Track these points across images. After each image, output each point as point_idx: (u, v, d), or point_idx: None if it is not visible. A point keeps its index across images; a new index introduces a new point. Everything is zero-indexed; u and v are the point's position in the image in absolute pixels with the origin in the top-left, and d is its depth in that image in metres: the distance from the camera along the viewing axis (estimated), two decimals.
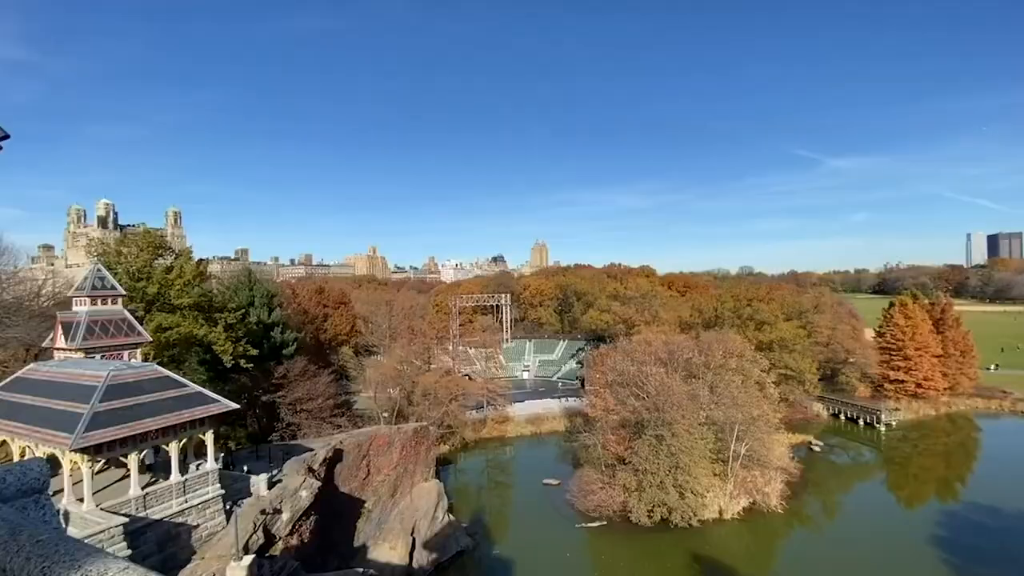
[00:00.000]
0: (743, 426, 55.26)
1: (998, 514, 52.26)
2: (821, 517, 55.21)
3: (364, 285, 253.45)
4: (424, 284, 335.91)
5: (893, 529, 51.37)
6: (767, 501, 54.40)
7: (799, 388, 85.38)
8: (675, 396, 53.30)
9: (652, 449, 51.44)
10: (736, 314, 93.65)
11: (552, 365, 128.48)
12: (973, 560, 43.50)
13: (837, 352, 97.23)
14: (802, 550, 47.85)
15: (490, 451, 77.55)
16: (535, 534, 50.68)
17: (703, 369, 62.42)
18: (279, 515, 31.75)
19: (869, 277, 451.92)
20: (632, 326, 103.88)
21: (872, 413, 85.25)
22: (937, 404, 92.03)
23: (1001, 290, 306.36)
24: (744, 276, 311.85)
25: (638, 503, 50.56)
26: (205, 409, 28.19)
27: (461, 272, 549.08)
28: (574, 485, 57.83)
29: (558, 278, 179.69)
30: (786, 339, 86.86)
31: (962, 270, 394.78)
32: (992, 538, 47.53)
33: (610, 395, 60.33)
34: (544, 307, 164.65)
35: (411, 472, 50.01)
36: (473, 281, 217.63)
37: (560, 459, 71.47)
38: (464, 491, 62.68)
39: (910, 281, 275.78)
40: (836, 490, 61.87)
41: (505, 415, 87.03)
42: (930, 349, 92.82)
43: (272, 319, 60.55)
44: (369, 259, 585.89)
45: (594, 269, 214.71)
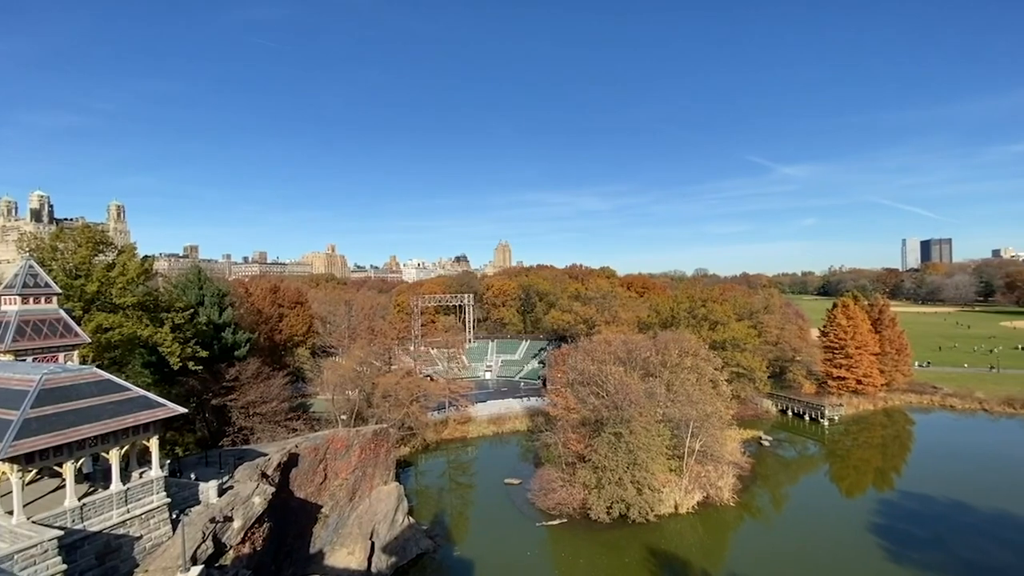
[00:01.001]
0: (697, 423, 57.18)
1: (929, 501, 56.15)
2: (770, 509, 57.66)
3: (322, 284, 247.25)
4: (385, 284, 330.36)
5: (835, 518, 54.29)
6: (720, 495, 56.49)
7: (750, 385, 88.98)
8: (633, 394, 54.54)
9: (611, 446, 52.48)
10: (691, 314, 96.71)
11: (514, 365, 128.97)
12: (906, 546, 46.51)
13: (785, 351, 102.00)
14: (752, 541, 49.85)
15: (452, 452, 77.15)
16: (496, 534, 50.78)
17: (660, 368, 64.20)
18: (230, 523, 30.53)
19: (815, 279, 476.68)
20: (593, 326, 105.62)
21: (817, 409, 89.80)
22: (875, 399, 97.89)
23: (932, 292, 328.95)
24: (699, 277, 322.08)
25: (597, 500, 51.46)
26: (150, 414, 26.78)
27: (424, 272, 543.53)
28: (535, 484, 58.32)
29: (521, 278, 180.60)
30: (738, 338, 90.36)
31: (898, 273, 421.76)
32: (923, 525, 50.97)
33: (571, 394, 61.16)
34: (507, 307, 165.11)
35: (370, 475, 49.11)
36: (436, 281, 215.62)
37: (522, 458, 71.87)
38: (425, 493, 62.12)
39: (851, 283, 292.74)
40: (784, 482, 64.77)
41: (467, 416, 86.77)
42: (869, 348, 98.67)
43: (223, 319, 58.19)
44: (328, 257, 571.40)
45: (556, 270, 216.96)
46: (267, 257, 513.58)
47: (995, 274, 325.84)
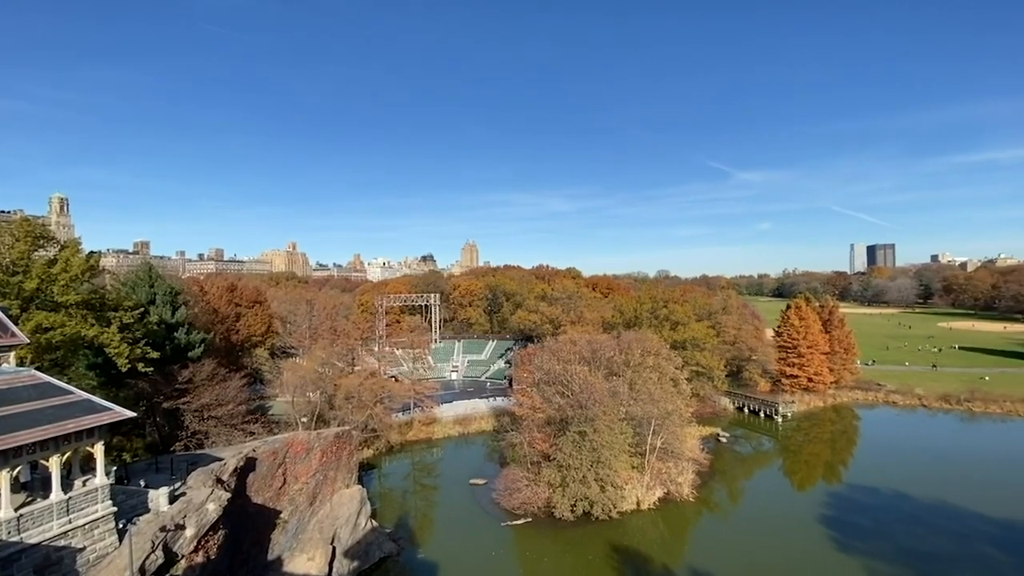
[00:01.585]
0: (659, 420, 58.54)
1: (873, 493, 59.28)
2: (727, 503, 59.58)
3: (282, 283, 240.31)
4: (349, 283, 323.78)
5: (788, 511, 56.63)
6: (680, 491, 58.03)
7: (709, 384, 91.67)
8: (597, 393, 55.33)
9: (575, 445, 53.12)
10: (653, 315, 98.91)
11: (481, 365, 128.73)
12: (852, 535, 48.95)
13: (742, 350, 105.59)
14: (711, 535, 51.39)
15: (416, 453, 76.35)
16: (461, 535, 50.58)
17: (623, 367, 65.38)
18: (182, 531, 29.30)
19: (770, 281, 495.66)
20: (559, 326, 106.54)
21: (771, 406, 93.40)
22: (825, 396, 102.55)
23: (877, 294, 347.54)
24: (661, 279, 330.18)
25: (562, 498, 51.99)
26: (94, 418, 25.40)
27: (389, 271, 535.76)
28: (500, 484, 58.40)
29: (488, 278, 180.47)
30: (698, 338, 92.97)
31: (846, 276, 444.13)
32: (868, 515, 53.75)
33: (537, 394, 61.53)
34: (474, 307, 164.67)
35: (332, 479, 48.05)
36: (401, 280, 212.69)
37: (487, 458, 71.81)
38: (389, 495, 61.25)
39: (804, 286, 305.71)
40: (740, 477, 67.05)
41: (432, 416, 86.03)
42: (820, 347, 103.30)
43: (176, 318, 55.75)
44: (288, 255, 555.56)
45: (523, 270, 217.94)
46: (224, 254, 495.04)
47: (933, 278, 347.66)
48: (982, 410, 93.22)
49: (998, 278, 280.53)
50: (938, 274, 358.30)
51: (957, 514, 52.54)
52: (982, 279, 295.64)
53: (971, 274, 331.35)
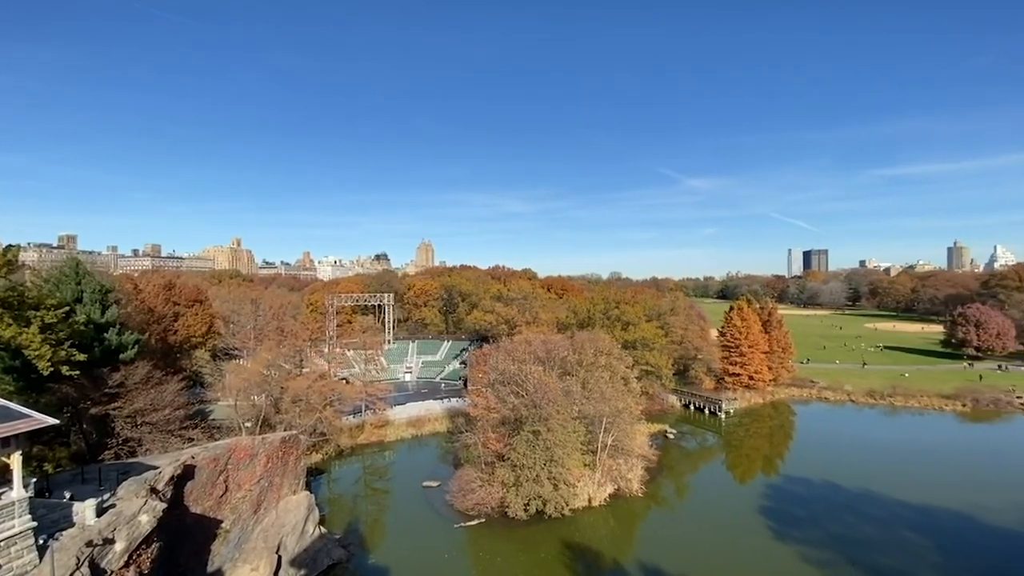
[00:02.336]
0: (610, 418, 59.92)
1: (807, 483, 63.02)
2: (674, 497, 61.68)
3: (226, 281, 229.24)
4: (298, 281, 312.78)
5: (730, 503, 59.27)
6: (630, 487, 59.63)
7: (657, 382, 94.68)
8: (551, 393, 56.02)
9: (529, 444, 53.55)
10: (606, 315, 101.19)
11: (435, 366, 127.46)
12: (788, 524, 51.84)
13: (688, 350, 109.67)
14: (658, 528, 53.07)
15: (368, 457, 74.68)
16: (413, 538, 49.91)
17: (577, 367, 66.55)
18: (111, 546, 27.41)
19: (715, 284, 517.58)
20: (514, 326, 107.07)
21: (715, 403, 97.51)
22: (764, 393, 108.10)
23: (812, 297, 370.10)
24: (614, 281, 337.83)
25: (515, 498, 52.27)
26: (9, 427, 23.35)
27: (341, 269, 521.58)
28: (454, 485, 58.06)
29: (443, 278, 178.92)
30: (647, 338, 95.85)
31: (784, 280, 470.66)
32: (802, 504, 57.10)
33: (491, 394, 61.58)
34: (429, 307, 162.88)
35: (277, 485, 46.31)
36: (354, 279, 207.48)
37: (441, 460, 71.20)
38: (338, 501, 59.61)
39: (746, 288, 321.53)
40: (686, 472, 69.59)
41: (385, 419, 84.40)
42: (760, 346, 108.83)
43: (107, 318, 52.06)
44: (232, 252, 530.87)
45: (479, 270, 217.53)
46: (161, 251, 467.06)
47: (861, 282, 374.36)
48: (902, 404, 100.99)
49: (917, 282, 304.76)
50: (865, 278, 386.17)
51: (881, 501, 56.67)
52: (903, 283, 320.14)
53: (894, 279, 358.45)
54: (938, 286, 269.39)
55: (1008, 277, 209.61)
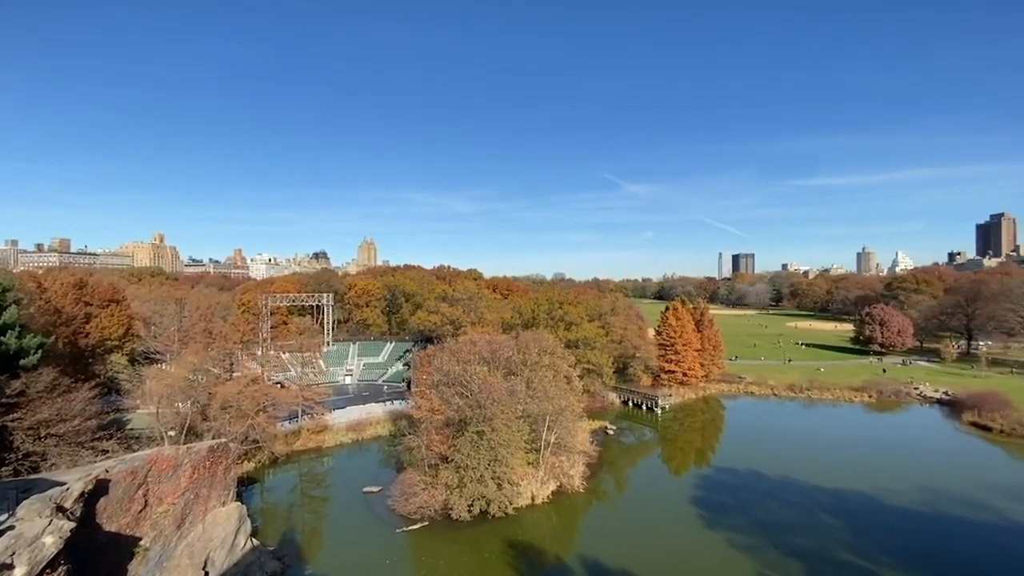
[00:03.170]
0: (553, 417, 60.89)
1: (735, 473, 66.90)
2: (614, 492, 63.56)
3: (146, 280, 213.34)
4: (228, 280, 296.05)
5: (666, 494, 61.89)
6: (571, 483, 60.85)
7: (598, 380, 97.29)
8: (496, 393, 56.18)
9: (473, 445, 53.44)
10: (550, 315, 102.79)
11: (378, 368, 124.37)
12: (718, 512, 54.82)
13: (627, 348, 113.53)
14: (599, 523, 54.51)
15: (305, 464, 71.71)
16: (353, 545, 48.47)
17: (521, 366, 67.11)
18: (10, 571, 24.75)
19: (652, 285, 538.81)
20: (459, 327, 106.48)
21: (652, 399, 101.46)
22: (697, 389, 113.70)
23: (740, 298, 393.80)
24: (557, 282, 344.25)
25: (459, 499, 51.99)
26: None
27: (276, 268, 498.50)
28: (396, 489, 56.91)
29: (386, 278, 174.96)
30: (589, 337, 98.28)
31: (715, 281, 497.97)
32: (730, 493, 60.51)
33: (436, 395, 60.90)
34: (371, 308, 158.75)
35: (204, 497, 43.55)
36: (290, 278, 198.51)
37: (383, 464, 69.61)
38: (272, 511, 56.83)
39: (680, 289, 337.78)
40: (625, 467, 71.94)
41: (323, 424, 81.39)
42: (693, 345, 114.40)
43: (5, 320, 46.91)
44: (154, 248, 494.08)
45: (424, 270, 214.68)
46: (71, 246, 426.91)
47: (783, 284, 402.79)
48: (818, 397, 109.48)
49: (831, 285, 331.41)
50: (787, 281, 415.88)
51: (800, 487, 61.14)
52: (819, 285, 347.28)
53: (811, 281, 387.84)
54: (849, 288, 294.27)
55: (907, 280, 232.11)
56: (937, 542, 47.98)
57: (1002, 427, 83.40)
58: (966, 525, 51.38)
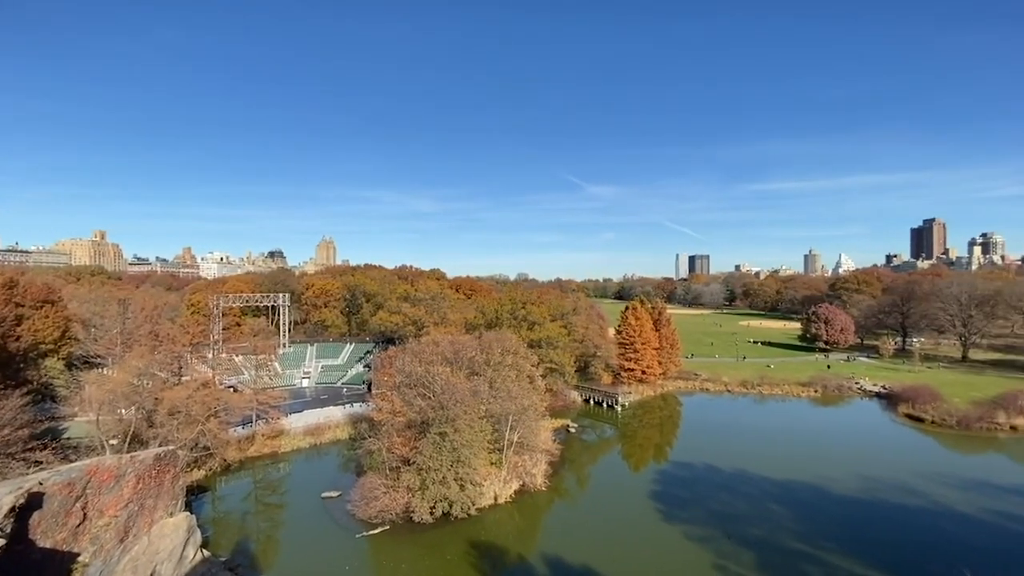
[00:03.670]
0: (516, 416, 61.20)
1: (691, 467, 69.10)
2: (576, 489, 64.42)
3: (86, 279, 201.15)
4: (177, 280, 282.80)
5: (626, 490, 63.25)
6: (534, 482, 61.31)
7: (561, 379, 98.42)
8: (459, 393, 55.95)
9: (436, 446, 53.03)
10: (513, 315, 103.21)
11: (337, 370, 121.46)
12: (675, 506, 56.49)
13: (589, 347, 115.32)
14: (561, 520, 55.15)
15: (259, 470, 69.28)
16: (311, 552, 47.21)
17: (484, 366, 67.12)
18: None
19: (613, 285, 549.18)
20: (422, 327, 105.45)
21: (612, 397, 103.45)
22: (655, 386, 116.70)
23: (696, 297, 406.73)
24: (521, 282, 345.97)
25: (421, 501, 51.49)
26: None
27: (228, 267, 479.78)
28: (356, 494, 55.80)
29: (346, 278, 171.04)
30: (552, 337, 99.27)
31: (672, 282, 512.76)
32: (687, 487, 62.46)
33: (397, 397, 60.09)
34: (330, 308, 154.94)
35: (150, 508, 41.48)
36: (244, 278, 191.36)
37: (342, 469, 68.11)
38: (225, 520, 54.64)
39: (640, 290, 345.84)
40: (587, 464, 73.07)
41: (279, 428, 78.84)
42: (652, 343, 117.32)
43: None
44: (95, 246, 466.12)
45: (385, 270, 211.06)
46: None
47: (736, 284, 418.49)
48: (769, 392, 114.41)
49: (781, 285, 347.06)
50: (740, 281, 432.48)
51: (751, 479, 63.76)
52: (770, 286, 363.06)
53: (762, 282, 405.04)
54: (796, 288, 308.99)
55: (849, 281, 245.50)
56: (876, 527, 51.05)
57: (933, 418, 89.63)
58: (901, 510, 54.92)
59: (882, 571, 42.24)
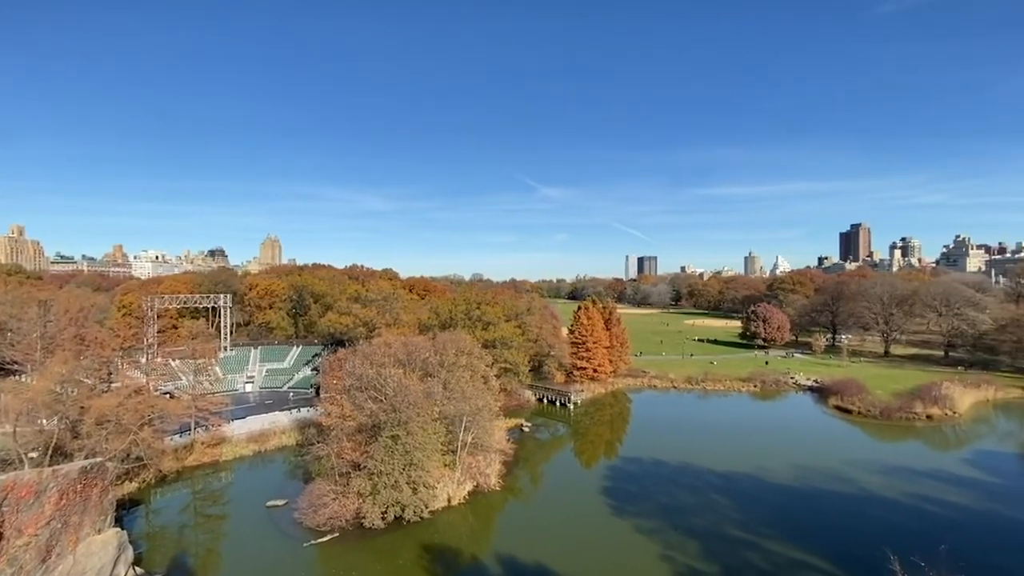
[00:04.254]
0: (470, 417, 61.10)
1: (640, 462, 71.26)
2: (529, 487, 65.00)
3: (1, 279, 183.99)
4: (106, 280, 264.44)
5: (578, 486, 64.44)
6: (488, 482, 61.43)
7: (515, 379, 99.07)
8: (412, 395, 55.24)
9: (387, 450, 52.16)
10: (467, 316, 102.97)
11: (283, 374, 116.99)
12: (625, 500, 58.13)
13: (543, 347, 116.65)
14: (515, 519, 55.52)
15: (199, 480, 65.78)
16: (255, 564, 45.31)
17: (438, 368, 66.60)
18: None
19: (566, 286, 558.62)
20: (373, 328, 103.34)
21: (565, 395, 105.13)
22: (606, 384, 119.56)
23: (644, 297, 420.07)
24: (475, 282, 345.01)
25: (372, 507, 50.51)
26: None
27: (164, 266, 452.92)
28: (304, 501, 54.00)
29: (293, 278, 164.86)
30: (506, 337, 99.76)
31: (623, 282, 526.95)
32: (635, 481, 64.41)
33: (347, 401, 58.64)
34: (275, 309, 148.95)
35: (75, 525, 38.57)
36: (181, 278, 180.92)
37: (289, 476, 65.76)
38: (161, 534, 51.55)
39: (592, 290, 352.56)
40: (540, 462, 73.89)
41: (220, 436, 75.16)
42: (603, 342, 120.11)
43: None
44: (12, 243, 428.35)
45: (335, 270, 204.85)
46: None
47: (682, 284, 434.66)
48: (712, 388, 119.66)
49: (723, 285, 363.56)
50: (685, 282, 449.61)
51: (695, 472, 66.52)
52: (713, 286, 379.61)
53: (706, 282, 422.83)
54: (737, 289, 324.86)
55: (785, 282, 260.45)
56: (809, 514, 54.54)
57: (859, 409, 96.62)
58: (831, 496, 58.91)
59: (814, 555, 45.17)
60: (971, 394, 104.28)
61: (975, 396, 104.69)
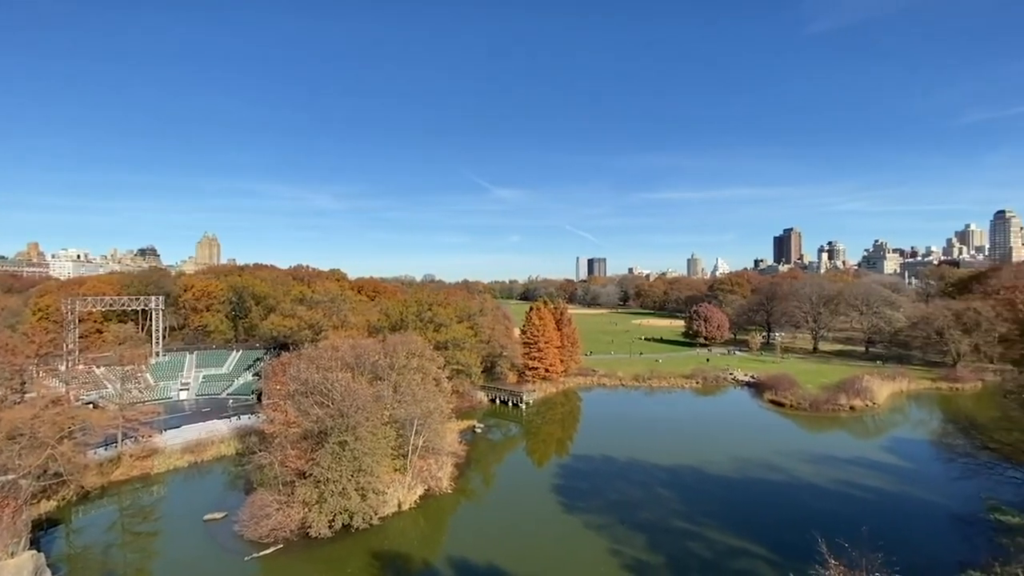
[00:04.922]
0: (421, 420, 60.32)
1: (590, 459, 72.81)
2: (482, 489, 64.96)
3: None
4: (19, 281, 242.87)
5: (531, 486, 64.99)
6: (440, 485, 60.87)
7: (467, 380, 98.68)
8: (361, 399, 53.91)
9: (335, 457, 50.67)
10: (419, 317, 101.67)
11: (221, 380, 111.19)
12: (576, 498, 59.18)
13: (495, 347, 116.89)
14: (467, 522, 55.34)
15: (127, 496, 61.43)
16: None
17: (388, 370, 65.38)
18: None
19: (518, 287, 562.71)
20: (320, 331, 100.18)
21: (517, 395, 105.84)
22: (557, 383, 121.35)
23: (594, 298, 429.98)
24: (427, 283, 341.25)
25: (319, 515, 48.92)
26: None
27: (88, 266, 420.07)
28: (245, 513, 51.52)
29: (232, 278, 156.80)
30: (458, 338, 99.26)
31: (573, 283, 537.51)
32: (586, 479, 65.74)
33: (292, 406, 56.48)
34: (212, 312, 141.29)
35: None
36: (107, 278, 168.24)
37: (229, 487, 62.58)
38: (83, 556, 47.74)
39: (543, 291, 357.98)
40: (493, 463, 73.99)
41: (151, 447, 70.45)
42: (554, 342, 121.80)
43: None
44: None
45: (278, 270, 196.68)
46: None
47: (630, 285, 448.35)
48: (658, 385, 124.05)
49: (668, 286, 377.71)
50: (632, 283, 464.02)
51: (642, 467, 68.72)
52: (658, 287, 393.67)
53: (652, 283, 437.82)
54: (681, 289, 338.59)
55: (725, 283, 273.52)
56: (746, 503, 57.55)
57: (791, 402, 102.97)
58: (766, 485, 62.47)
59: (751, 542, 47.75)
60: (888, 386, 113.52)
61: (892, 388, 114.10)
